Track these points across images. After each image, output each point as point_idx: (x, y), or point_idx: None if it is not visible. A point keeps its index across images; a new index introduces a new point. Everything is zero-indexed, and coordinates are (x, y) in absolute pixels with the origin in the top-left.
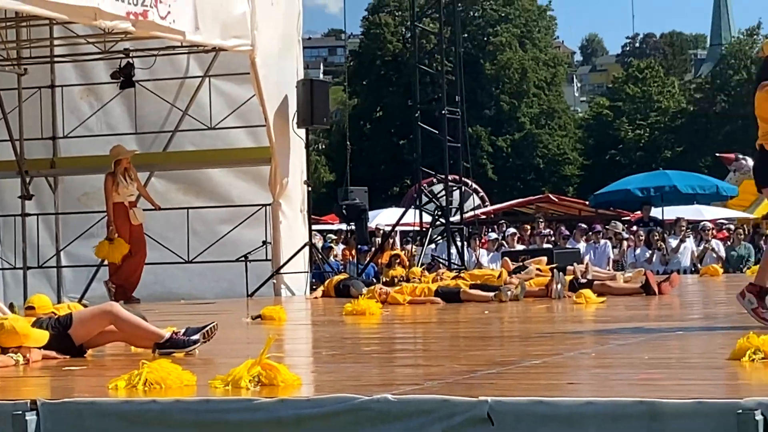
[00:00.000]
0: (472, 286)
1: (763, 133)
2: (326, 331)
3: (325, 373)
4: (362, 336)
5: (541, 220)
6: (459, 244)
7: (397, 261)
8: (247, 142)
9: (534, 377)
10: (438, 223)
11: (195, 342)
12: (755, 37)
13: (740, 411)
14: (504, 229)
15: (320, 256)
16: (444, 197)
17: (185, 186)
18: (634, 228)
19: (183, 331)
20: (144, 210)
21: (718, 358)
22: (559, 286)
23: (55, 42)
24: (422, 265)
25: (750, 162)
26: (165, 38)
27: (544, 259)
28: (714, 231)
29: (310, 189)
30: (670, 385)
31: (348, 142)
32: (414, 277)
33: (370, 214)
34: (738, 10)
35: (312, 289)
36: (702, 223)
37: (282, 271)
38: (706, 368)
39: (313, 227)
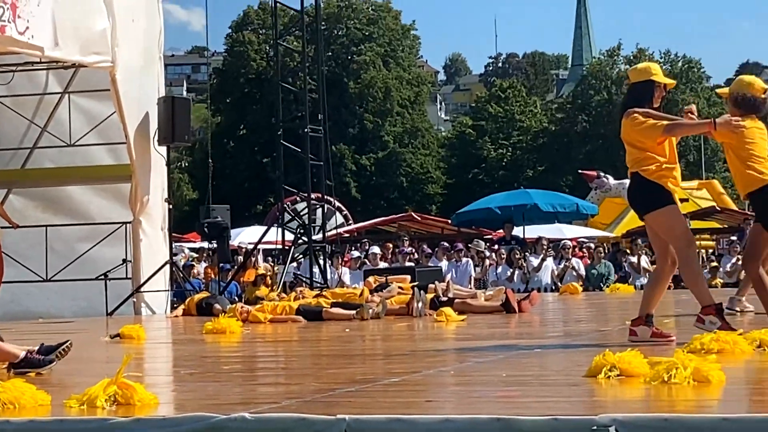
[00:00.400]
0: (333, 305)
1: (634, 159)
2: (186, 350)
3: (184, 392)
4: (222, 354)
5: (405, 238)
6: (321, 262)
7: (263, 280)
8: (107, 159)
9: (393, 395)
10: (300, 241)
11: (50, 361)
12: (615, 57)
13: (595, 427)
14: (367, 247)
15: (181, 275)
16: (307, 215)
17: (44, 203)
18: (496, 246)
19: (37, 348)
20: (1, 227)
21: (575, 376)
22: (420, 304)
23: None
24: (284, 283)
25: (612, 180)
26: (23, 54)
27: (408, 277)
28: (576, 249)
29: (171, 207)
30: (527, 402)
31: (210, 160)
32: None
33: (233, 232)
34: (599, 31)
35: (173, 308)
36: (562, 242)
37: (142, 289)
38: (563, 385)
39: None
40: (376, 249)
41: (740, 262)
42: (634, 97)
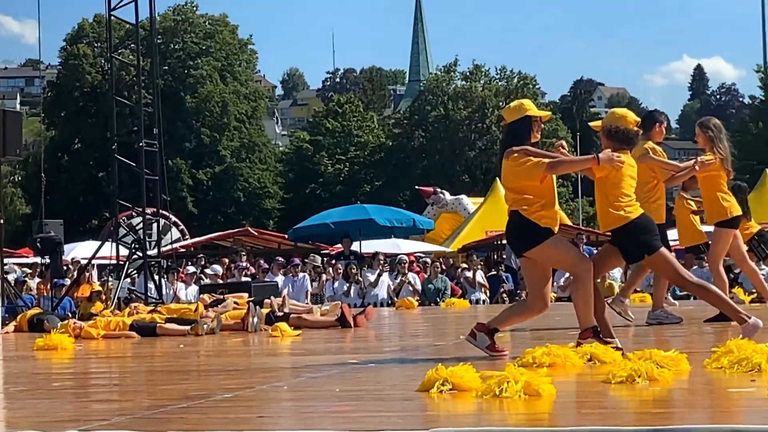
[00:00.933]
0: (168, 320)
1: (513, 198)
2: (17, 367)
3: (14, 409)
4: (54, 371)
5: (242, 253)
6: (157, 277)
7: (98, 296)
8: None
9: (224, 411)
10: (135, 256)
11: None
12: (452, 73)
13: None
14: (203, 262)
15: (13, 291)
16: (142, 230)
17: None
18: (333, 261)
19: None
20: None
21: (408, 390)
22: (255, 319)
23: None
24: (119, 299)
25: (448, 196)
26: None
27: (245, 294)
28: (413, 264)
29: (2, 221)
30: (359, 417)
31: (43, 174)
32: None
33: (68, 247)
34: (436, 47)
35: (4, 324)
36: (399, 257)
37: None
38: (397, 400)
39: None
40: (217, 267)
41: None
42: (513, 136)
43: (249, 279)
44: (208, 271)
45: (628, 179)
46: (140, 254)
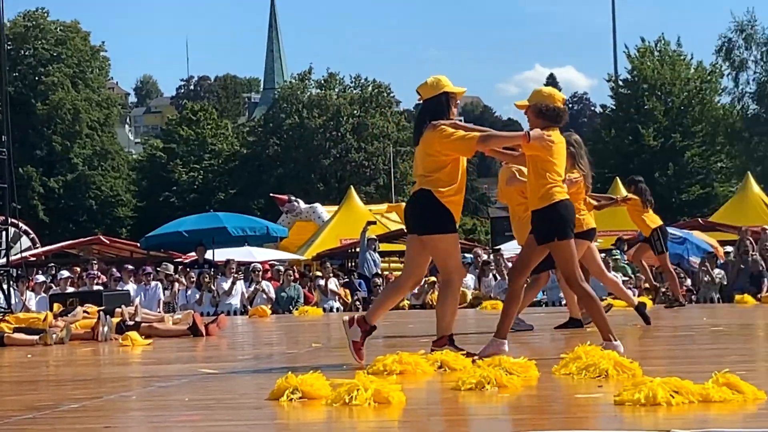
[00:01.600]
0: (15, 330)
1: (429, 179)
2: None
3: None
4: None
5: (94, 261)
6: (6, 287)
7: None
8: None
9: (71, 421)
10: None
11: None
12: (307, 81)
13: None
14: (54, 271)
15: None
16: None
17: None
18: (187, 269)
19: None
20: None
21: (258, 398)
22: (105, 328)
23: None
24: None
25: (302, 204)
26: None
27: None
28: (268, 272)
29: None
30: (208, 426)
31: None
32: None
33: None
34: (291, 55)
35: None
36: (253, 265)
37: None
38: (246, 408)
39: None
40: (65, 273)
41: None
42: (432, 112)
43: (101, 288)
44: (63, 272)
45: (559, 158)
46: None
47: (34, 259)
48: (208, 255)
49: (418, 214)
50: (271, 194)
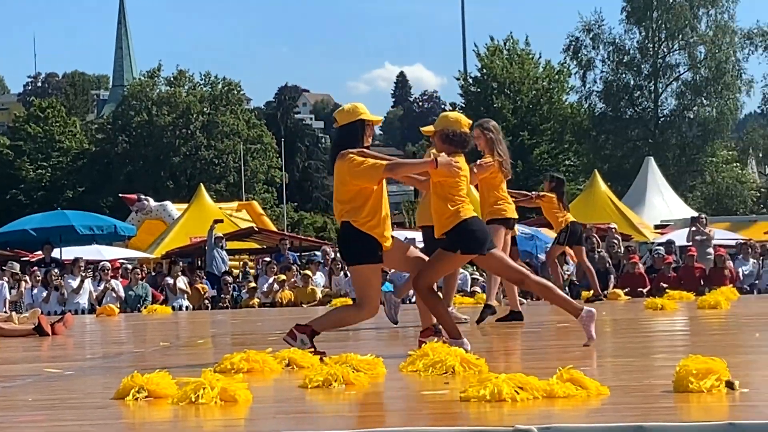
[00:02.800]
0: None
1: (344, 209)
2: None
3: None
4: None
5: None
6: None
7: None
8: None
9: None
10: None
11: None
12: (156, 78)
13: None
14: None
15: None
16: None
17: None
18: (33, 268)
19: None
20: None
21: (104, 398)
22: None
23: None
24: None
25: (152, 202)
26: None
27: None
28: (117, 270)
29: None
30: (51, 427)
31: None
32: None
33: None
34: (140, 52)
35: None
36: (101, 263)
37: None
38: (91, 408)
39: None
40: None
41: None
42: (346, 139)
43: None
44: None
45: (463, 180)
46: None
47: None
48: (56, 253)
49: (342, 244)
50: (120, 194)
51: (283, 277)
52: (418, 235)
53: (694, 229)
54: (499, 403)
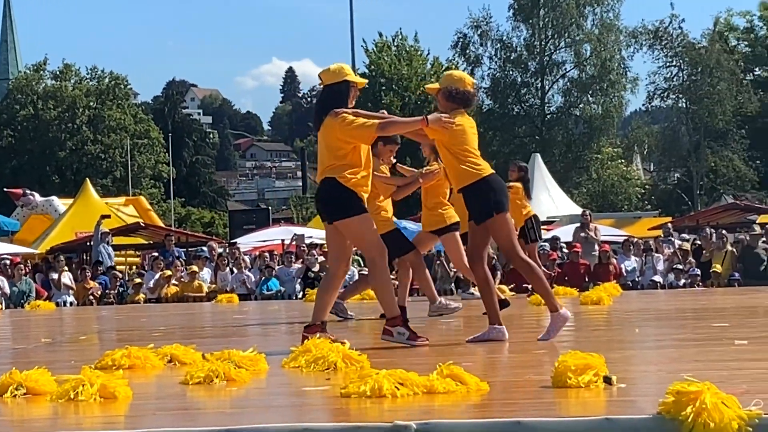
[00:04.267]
0: None
1: (331, 166)
2: None
3: None
4: None
5: None
6: None
7: None
8: None
9: None
10: None
11: None
12: (42, 72)
13: None
14: None
15: None
16: None
17: None
18: None
19: None
20: None
21: None
22: None
23: None
24: None
25: (38, 197)
26: None
27: None
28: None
29: None
30: None
31: None
32: None
33: None
34: (25, 45)
35: None
36: None
37: None
38: None
39: None
40: None
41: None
42: (332, 98)
43: None
44: None
45: (472, 137)
46: None
47: None
48: None
49: (325, 202)
50: (5, 189)
51: (168, 272)
52: (308, 231)
53: (579, 225)
54: (379, 399)
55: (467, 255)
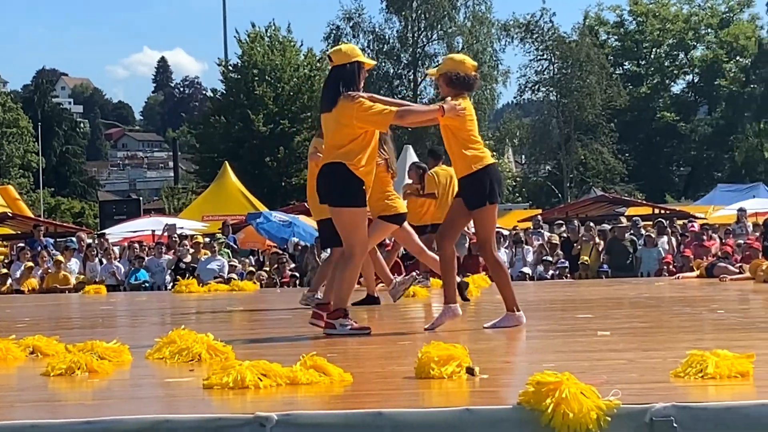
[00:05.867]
0: None
1: (342, 151)
2: None
3: None
4: None
5: None
6: None
7: None
8: None
9: None
10: None
11: None
12: None
13: None
14: None
15: None
16: None
17: None
18: None
19: None
20: None
21: None
22: None
23: None
24: None
25: None
26: None
27: None
28: None
29: None
30: None
31: None
32: None
33: None
34: None
35: None
36: None
37: None
38: None
39: None
40: None
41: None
42: (345, 79)
43: None
44: None
45: (472, 122)
46: None
47: None
48: None
49: (329, 185)
50: None
51: (30, 264)
52: (179, 222)
53: None
54: (242, 391)
55: (440, 231)
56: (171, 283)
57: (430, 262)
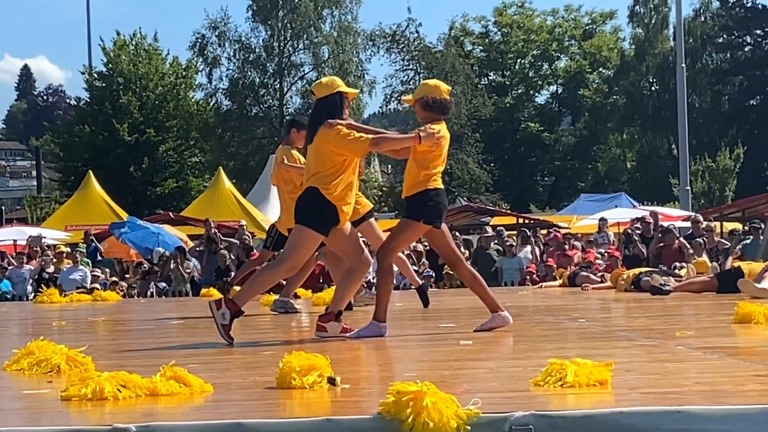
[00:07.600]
0: None
1: (317, 175)
2: None
3: None
4: None
5: None
6: None
7: None
8: None
9: None
10: None
11: None
12: None
13: None
14: None
15: None
16: None
17: None
18: None
19: None
20: None
21: None
22: None
23: None
24: None
25: None
26: None
27: None
28: None
29: None
30: None
31: None
32: None
33: None
34: None
35: None
36: None
37: None
38: None
39: None
40: None
41: None
42: (326, 111)
43: None
44: None
45: (442, 148)
46: None
47: None
48: None
49: (301, 203)
50: None
51: None
52: (43, 231)
53: None
54: (100, 402)
55: (382, 245)
56: (33, 294)
57: (396, 262)
